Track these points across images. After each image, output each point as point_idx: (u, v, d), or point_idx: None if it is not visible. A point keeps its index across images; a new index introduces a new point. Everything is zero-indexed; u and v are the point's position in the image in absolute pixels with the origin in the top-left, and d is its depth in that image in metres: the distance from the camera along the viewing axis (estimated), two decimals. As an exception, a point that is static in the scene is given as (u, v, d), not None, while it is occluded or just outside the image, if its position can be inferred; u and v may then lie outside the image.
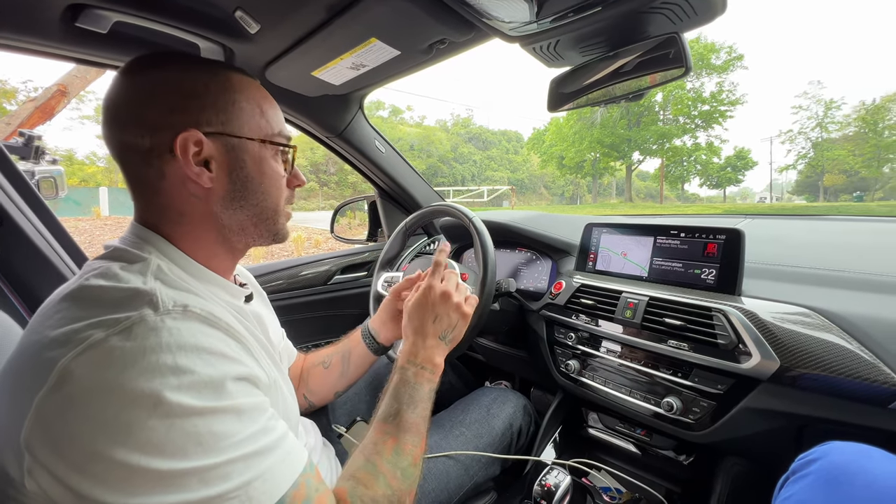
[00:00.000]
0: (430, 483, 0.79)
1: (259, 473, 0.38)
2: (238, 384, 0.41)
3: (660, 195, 36.13)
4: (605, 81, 0.82)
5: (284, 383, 0.59)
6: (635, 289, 0.92)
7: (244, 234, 0.54)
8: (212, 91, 0.48)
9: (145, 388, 0.35)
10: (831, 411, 0.68)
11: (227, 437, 0.37)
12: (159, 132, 0.46)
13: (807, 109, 33.58)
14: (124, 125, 0.47)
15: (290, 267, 1.47)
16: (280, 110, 0.56)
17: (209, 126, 0.48)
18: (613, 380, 0.94)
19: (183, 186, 0.48)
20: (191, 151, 0.47)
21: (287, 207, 0.58)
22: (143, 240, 0.48)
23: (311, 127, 1.26)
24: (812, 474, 0.50)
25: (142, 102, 0.47)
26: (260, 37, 0.82)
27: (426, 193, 1.59)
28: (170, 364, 0.36)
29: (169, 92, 0.47)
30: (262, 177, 0.52)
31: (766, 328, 0.72)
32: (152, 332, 0.37)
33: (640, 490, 0.96)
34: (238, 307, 0.54)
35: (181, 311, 0.41)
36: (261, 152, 0.52)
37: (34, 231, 0.93)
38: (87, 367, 0.35)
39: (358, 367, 0.86)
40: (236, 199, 0.51)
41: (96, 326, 0.37)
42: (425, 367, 0.65)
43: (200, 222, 0.51)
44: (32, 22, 0.74)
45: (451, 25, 0.76)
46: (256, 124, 0.51)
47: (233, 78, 0.51)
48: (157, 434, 0.34)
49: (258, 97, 0.53)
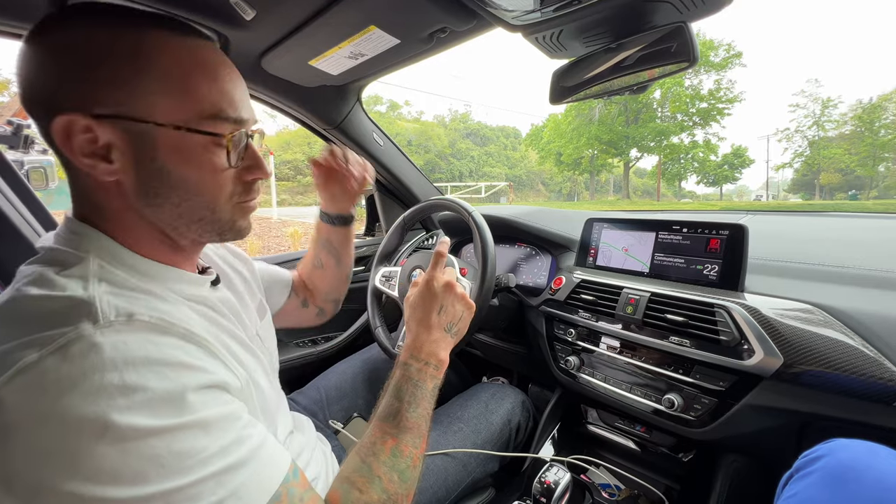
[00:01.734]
0: (428, 480, 0.78)
1: (233, 490, 0.35)
2: (202, 394, 0.37)
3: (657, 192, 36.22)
4: (608, 73, 0.81)
5: (263, 375, 0.54)
6: (636, 284, 0.91)
7: (180, 233, 0.46)
8: (113, 56, 0.38)
9: (89, 412, 0.31)
10: (834, 408, 0.67)
11: (193, 455, 0.34)
12: (49, 111, 0.38)
13: (804, 108, 33.65)
14: (24, 101, 0.40)
15: (287, 261, 1.45)
16: (232, 80, 0.44)
17: (103, 106, 0.38)
18: (613, 376, 0.94)
19: (89, 177, 0.41)
20: (77, 140, 0.38)
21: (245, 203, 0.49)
22: (78, 235, 0.42)
23: (308, 118, 1.24)
24: (817, 471, 0.49)
25: (31, 75, 0.39)
26: (255, 24, 0.80)
27: (424, 188, 1.58)
28: (116, 383, 0.32)
29: (62, 59, 0.38)
30: (184, 171, 0.42)
31: (770, 324, 0.72)
32: (93, 350, 0.33)
33: (639, 487, 0.96)
34: (203, 298, 0.49)
35: (125, 321, 0.36)
36: (181, 140, 0.41)
37: (23, 222, 0.91)
38: (20, 394, 0.31)
39: (344, 246, 0.87)
40: (151, 196, 0.42)
41: (28, 347, 0.33)
42: (429, 363, 0.61)
43: (125, 216, 0.43)
44: (23, 6, 0.72)
45: (453, 13, 0.75)
46: (174, 102, 0.40)
47: (147, 38, 0.39)
48: (109, 461, 0.31)
49: (185, 63, 0.40)
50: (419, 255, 1.05)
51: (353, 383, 1.02)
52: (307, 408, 0.94)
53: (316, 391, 0.99)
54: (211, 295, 0.51)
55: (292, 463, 0.43)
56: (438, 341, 0.64)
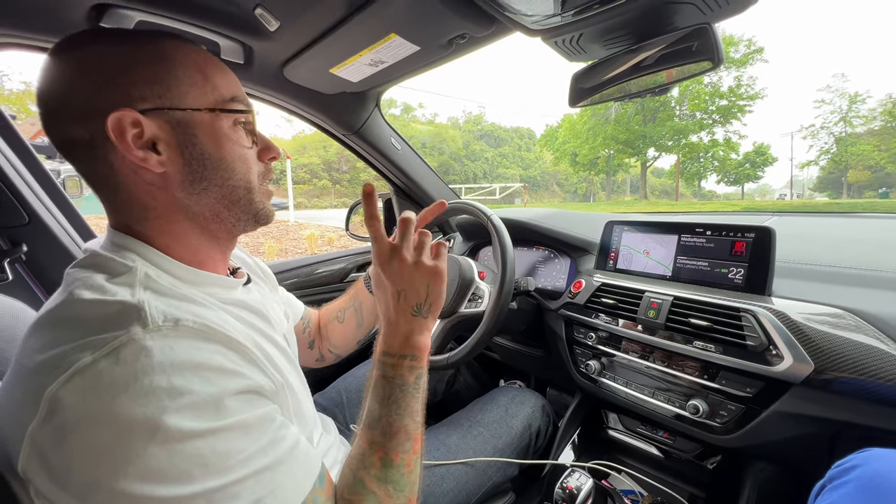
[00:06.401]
0: (448, 483, 0.78)
1: (270, 490, 0.37)
2: (240, 398, 0.39)
3: (675, 192, 35.51)
4: (628, 75, 0.80)
5: (297, 377, 0.56)
6: (659, 288, 0.90)
7: (220, 220, 0.49)
8: (141, 62, 0.43)
9: (140, 414, 0.33)
10: (868, 417, 0.65)
11: (234, 456, 0.36)
12: (92, 119, 0.41)
13: (830, 103, 32.54)
14: (57, 117, 0.43)
15: (306, 265, 1.48)
16: (233, 75, 0.50)
17: (144, 102, 0.42)
18: (635, 380, 0.92)
19: (136, 175, 0.44)
20: (129, 134, 0.41)
21: (265, 184, 0.52)
22: (122, 247, 0.45)
23: (329, 124, 1.26)
24: (852, 482, 0.48)
25: (69, 88, 0.42)
26: (279, 34, 0.82)
27: (442, 191, 1.59)
28: (164, 386, 0.34)
29: (93, 71, 0.42)
30: (221, 151, 0.46)
31: (799, 329, 0.70)
32: (143, 353, 0.35)
33: (662, 494, 0.94)
34: (237, 300, 0.51)
35: (172, 326, 0.38)
36: (214, 123, 0.46)
37: (60, 229, 0.95)
38: (76, 395, 0.33)
39: (371, 314, 0.84)
40: (197, 181, 0.46)
41: (83, 349, 0.34)
42: (405, 355, 0.53)
43: (169, 214, 0.46)
44: (58, 23, 0.75)
45: (472, 20, 0.75)
46: (200, 92, 0.45)
47: (165, 45, 0.45)
48: (157, 461, 0.32)
49: (199, 61, 0.46)
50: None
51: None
52: (328, 409, 0.96)
53: (336, 393, 1.01)
54: (244, 297, 0.53)
55: (322, 467, 0.44)
56: (408, 327, 0.55)
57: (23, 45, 0.80)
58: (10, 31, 0.76)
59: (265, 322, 0.54)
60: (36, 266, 0.93)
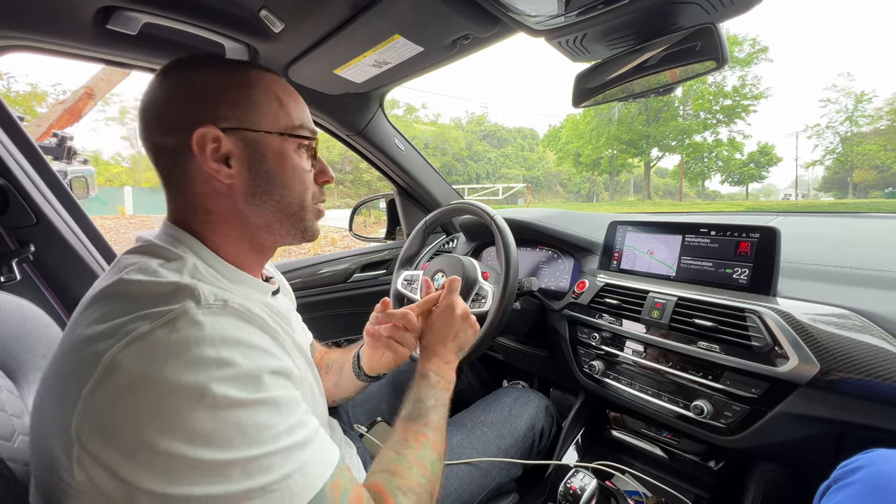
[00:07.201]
0: (453, 484, 0.79)
1: (298, 466, 0.39)
2: (274, 377, 0.42)
3: (679, 192, 35.36)
4: (632, 75, 0.80)
5: (314, 379, 0.60)
6: (663, 288, 0.90)
7: (271, 231, 0.54)
8: (229, 88, 0.49)
9: (190, 380, 0.35)
10: (874, 418, 0.65)
11: (269, 429, 0.38)
12: (180, 131, 0.47)
13: (835, 102, 32.24)
14: (152, 126, 0.49)
15: (310, 265, 1.49)
16: (304, 104, 0.56)
17: (226, 122, 0.48)
18: (639, 381, 0.92)
19: (207, 184, 0.49)
20: (209, 148, 0.47)
21: (318, 204, 0.58)
22: (177, 239, 0.50)
23: (333, 125, 1.27)
24: (857, 483, 0.48)
25: (166, 103, 0.48)
26: (283, 36, 0.82)
27: (445, 191, 1.59)
28: (213, 357, 0.37)
29: (189, 92, 0.48)
30: (283, 170, 0.52)
31: (804, 330, 0.70)
32: (195, 326, 0.38)
33: (666, 495, 0.94)
34: (268, 304, 0.55)
35: (221, 306, 0.42)
36: (281, 146, 0.52)
37: (67, 229, 0.96)
38: (133, 359, 0.36)
39: (348, 385, 0.81)
40: (258, 195, 0.51)
41: (141, 319, 0.38)
42: (443, 377, 0.68)
43: (227, 220, 0.52)
44: (65, 25, 0.76)
45: (476, 20, 0.75)
46: (274, 117, 0.51)
47: (251, 74, 0.51)
48: (203, 424, 0.35)
49: (277, 90, 0.52)
50: (440, 258, 1.06)
51: (377, 387, 1.03)
52: (332, 411, 0.95)
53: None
54: (273, 302, 0.58)
55: (340, 452, 0.46)
56: (451, 361, 0.71)
57: (30, 48, 0.81)
58: (18, 34, 0.77)
59: (290, 328, 0.57)
60: (43, 266, 0.94)
